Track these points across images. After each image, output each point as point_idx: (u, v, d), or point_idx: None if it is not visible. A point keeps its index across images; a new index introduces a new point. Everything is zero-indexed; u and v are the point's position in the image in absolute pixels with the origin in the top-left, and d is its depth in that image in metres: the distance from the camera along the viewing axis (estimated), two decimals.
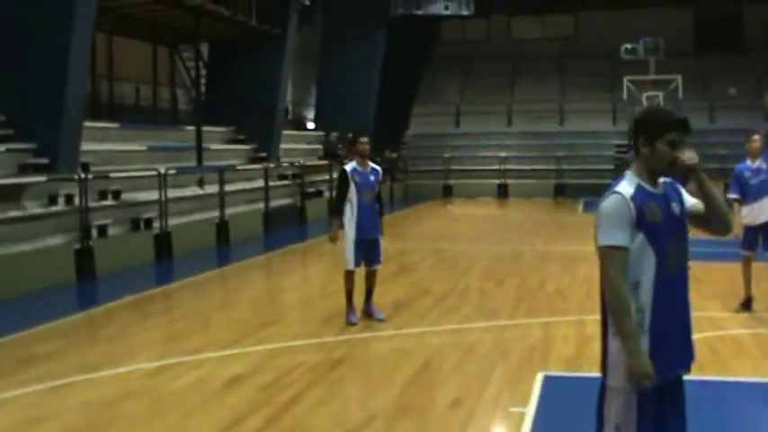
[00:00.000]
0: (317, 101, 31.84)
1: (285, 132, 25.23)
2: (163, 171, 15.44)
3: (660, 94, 30.48)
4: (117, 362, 8.21)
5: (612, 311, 3.89)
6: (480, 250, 17.18)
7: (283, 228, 20.56)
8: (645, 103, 30.63)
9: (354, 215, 9.92)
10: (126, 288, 12.30)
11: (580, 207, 28.49)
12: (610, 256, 3.85)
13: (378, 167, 10.22)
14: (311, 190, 23.85)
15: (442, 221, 24.42)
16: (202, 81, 21.22)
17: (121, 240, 14.51)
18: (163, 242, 15.17)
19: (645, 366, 3.77)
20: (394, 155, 33.36)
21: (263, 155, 22.70)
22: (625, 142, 33.81)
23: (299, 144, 27.55)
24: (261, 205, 20.35)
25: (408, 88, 35.83)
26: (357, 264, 10.00)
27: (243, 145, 22.86)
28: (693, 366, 4.03)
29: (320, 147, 28.47)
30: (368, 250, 10.03)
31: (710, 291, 12.16)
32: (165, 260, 15.19)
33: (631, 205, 3.83)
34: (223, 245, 17.57)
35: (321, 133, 29.31)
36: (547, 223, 23.24)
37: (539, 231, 20.88)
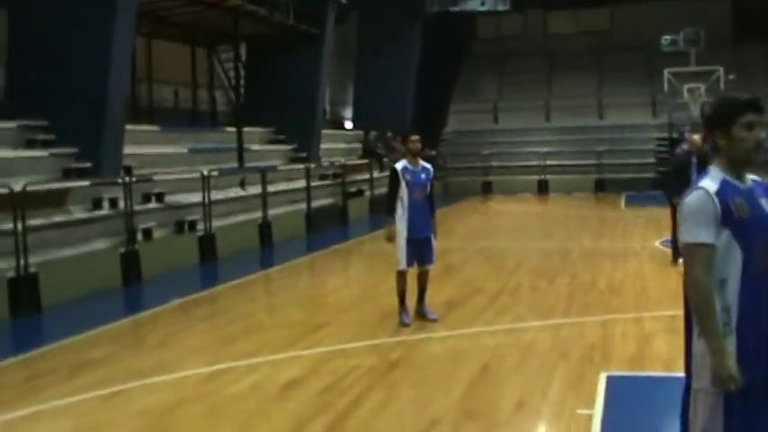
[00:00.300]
0: (354, 100, 31.71)
1: (324, 132, 25.13)
2: (206, 173, 15.35)
3: (702, 86, 29.95)
4: (170, 367, 8.10)
5: (696, 311, 3.72)
6: (526, 247, 16.92)
7: (325, 228, 20.45)
8: (686, 95, 30.17)
9: (405, 214, 9.75)
10: (173, 291, 12.22)
11: (622, 202, 28.12)
12: (693, 254, 3.68)
13: (429, 166, 10.03)
14: (352, 189, 23.70)
15: (484, 218, 24.17)
16: (241, 82, 21.15)
17: (166, 243, 14.44)
18: (207, 244, 15.09)
19: (730, 368, 3.60)
20: (433, 152, 33.09)
21: (304, 155, 22.60)
22: (665, 135, 33.41)
23: (338, 144, 27.44)
24: (302, 206, 20.25)
25: (446, 85, 35.59)
26: (409, 264, 9.82)
27: (283, 145, 22.78)
28: None
29: (359, 146, 28.33)
30: (419, 250, 9.84)
31: None
32: (210, 262, 15.11)
33: (716, 201, 3.64)
34: (266, 246, 17.48)
35: (359, 132, 29.16)
36: (590, 219, 22.89)
37: (583, 227, 20.57)
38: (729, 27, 36.61)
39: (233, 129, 20.10)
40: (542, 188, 33.38)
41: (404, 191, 9.75)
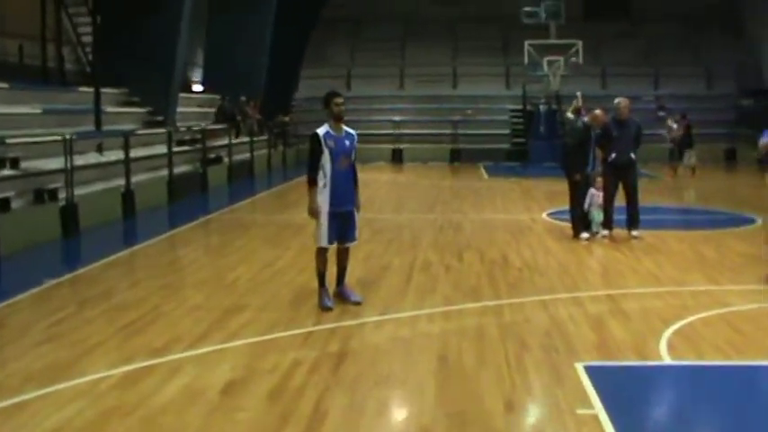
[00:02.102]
0: (204, 62, 29.89)
1: None
2: (67, 136, 13.59)
3: (561, 59, 30.03)
4: (70, 369, 6.68)
5: None
6: (413, 220, 16.13)
7: (187, 197, 18.99)
8: (546, 68, 30.17)
9: (328, 185, 8.68)
10: (40, 271, 10.64)
11: (483, 172, 27.85)
12: None
13: (353, 132, 8.95)
14: (211, 156, 22.20)
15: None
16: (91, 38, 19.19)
17: (25, 215, 12.68)
18: (69, 216, 13.39)
19: None
20: (286, 118, 31.85)
21: (160, 119, 20.87)
22: (519, 107, 33.44)
23: (191, 107, 25.70)
24: (162, 173, 18.66)
25: (296, 50, 34.23)
26: (331, 241, 8.78)
27: (137, 108, 20.95)
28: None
29: (212, 110, 26.67)
30: (342, 225, 8.80)
31: (683, 262, 11.52)
32: (74, 236, 13.43)
33: None
34: (130, 217, 15.88)
35: (212, 96, 27.47)
36: (461, 189, 22.34)
37: (460, 198, 19.95)
38: (580, 4, 36.93)
39: (88, 89, 18.19)
40: (397, 157, 32.87)
41: (326, 159, 8.68)
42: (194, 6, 22.01)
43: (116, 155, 16.75)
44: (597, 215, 13.46)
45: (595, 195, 13.35)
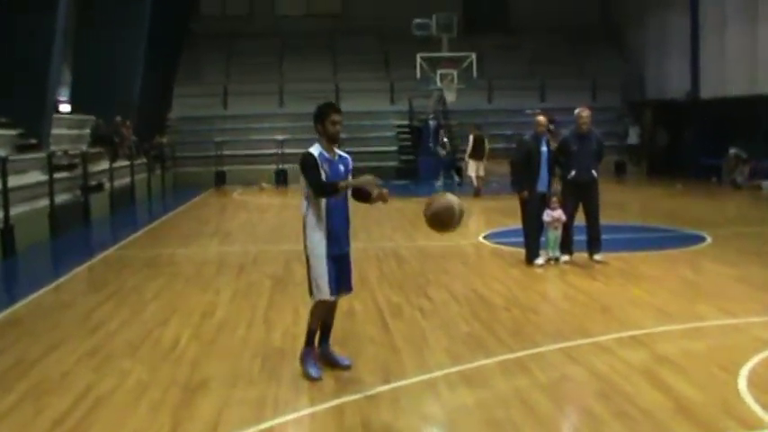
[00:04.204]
0: (72, 80, 27.18)
1: None
2: None
3: (455, 72, 28.94)
4: None
5: None
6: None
7: (71, 230, 16.71)
8: (439, 81, 29.03)
9: (323, 219, 6.92)
10: None
11: None
12: None
13: (346, 155, 7.23)
14: (93, 183, 19.83)
15: (247, 215, 21.07)
16: None
17: None
18: None
19: None
20: (164, 139, 29.51)
21: (34, 141, 18.34)
22: (406, 122, 32.26)
23: (60, 129, 23.04)
24: (42, 203, 16.30)
25: (168, 66, 31.86)
26: (335, 291, 6.97)
27: (7, 130, 18.33)
28: None
29: (84, 132, 24.08)
30: (340, 270, 7.04)
31: (677, 289, 10.33)
32: None
33: None
34: (10, 257, 13.54)
35: (84, 116, 24.87)
36: (370, 212, 20.65)
37: (377, 223, 18.26)
38: (460, 17, 36.05)
39: None
40: (281, 179, 30.94)
41: None
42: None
43: None
44: (554, 239, 12.20)
45: (552, 217, 12.06)
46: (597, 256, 12.19)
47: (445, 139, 27.50)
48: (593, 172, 12.23)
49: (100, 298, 10.62)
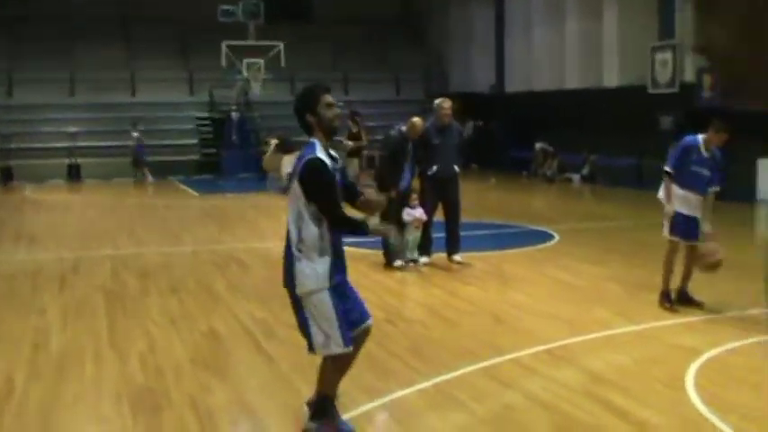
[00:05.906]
0: None
1: None
2: None
3: (262, 61, 27.60)
4: None
5: None
6: (167, 254, 12.87)
7: None
8: (245, 71, 27.61)
9: (328, 248, 5.24)
10: None
11: (188, 189, 24.58)
12: None
13: (337, 155, 5.56)
14: None
15: (49, 216, 18.80)
16: None
17: None
18: None
19: None
20: None
21: None
22: (206, 114, 30.66)
23: None
24: None
25: None
26: (350, 340, 5.34)
27: None
28: None
29: None
30: (351, 300, 5.50)
31: (555, 291, 9.69)
32: None
33: None
34: None
35: None
36: (186, 211, 19.21)
37: (198, 223, 16.88)
38: (260, 5, 34.70)
39: None
40: (74, 174, 28.46)
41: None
42: None
43: None
44: (413, 239, 11.35)
45: (413, 216, 11.21)
46: (457, 257, 11.49)
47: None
48: (455, 167, 11.44)
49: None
